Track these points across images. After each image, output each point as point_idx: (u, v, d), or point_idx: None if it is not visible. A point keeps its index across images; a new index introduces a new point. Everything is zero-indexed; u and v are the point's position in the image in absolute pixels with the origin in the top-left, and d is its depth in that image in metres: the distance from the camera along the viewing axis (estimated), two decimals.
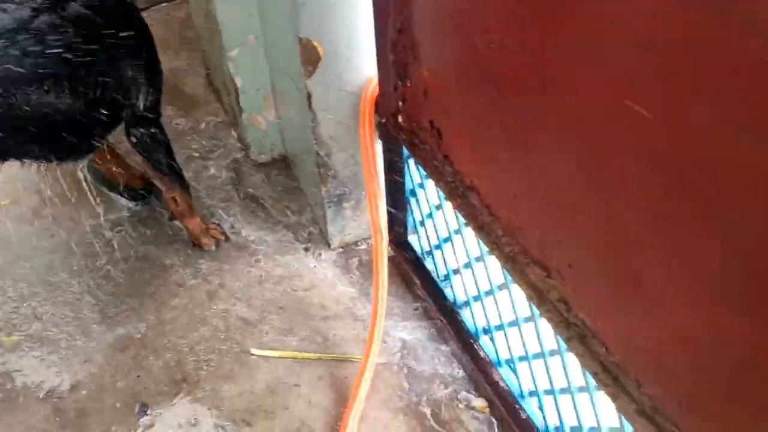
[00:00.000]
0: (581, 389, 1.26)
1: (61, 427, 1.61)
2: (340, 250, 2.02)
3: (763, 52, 0.61)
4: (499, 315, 1.49)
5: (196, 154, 2.41)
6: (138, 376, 1.71)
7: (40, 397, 1.68)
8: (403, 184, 1.78)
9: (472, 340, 1.67)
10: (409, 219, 1.87)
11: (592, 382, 1.20)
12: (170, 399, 1.65)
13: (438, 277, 1.81)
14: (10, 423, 1.63)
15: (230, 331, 1.79)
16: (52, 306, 1.89)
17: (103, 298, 1.91)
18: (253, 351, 1.74)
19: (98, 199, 2.20)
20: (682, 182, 0.77)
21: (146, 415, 1.61)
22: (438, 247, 1.73)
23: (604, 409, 1.20)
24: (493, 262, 1.45)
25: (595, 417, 1.23)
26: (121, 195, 2.19)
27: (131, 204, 2.19)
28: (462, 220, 1.53)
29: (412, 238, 1.92)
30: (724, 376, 0.84)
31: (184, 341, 1.78)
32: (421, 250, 1.87)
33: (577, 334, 1.14)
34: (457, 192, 1.43)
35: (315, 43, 1.56)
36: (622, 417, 1.13)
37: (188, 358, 1.74)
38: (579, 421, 1.30)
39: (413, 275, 1.86)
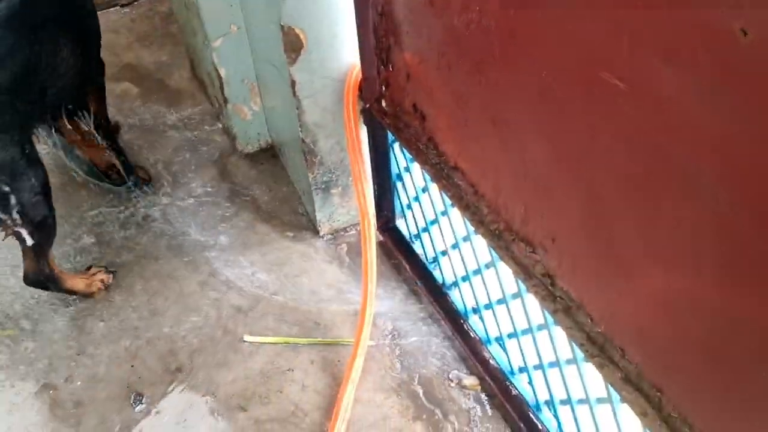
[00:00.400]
0: (569, 361, 1.28)
1: (57, 419, 1.63)
2: (329, 236, 2.04)
3: (725, 18, 0.63)
4: (488, 293, 1.51)
5: (183, 147, 2.42)
6: (132, 366, 1.72)
7: (35, 390, 1.69)
8: (389, 169, 1.80)
9: (461, 320, 1.69)
10: (396, 204, 1.89)
11: (579, 354, 1.22)
12: (165, 387, 1.67)
13: (426, 260, 1.83)
14: (5, 418, 1.64)
15: (223, 319, 1.81)
16: (46, 299, 1.90)
17: (107, 293, 1.92)
18: (246, 338, 1.76)
19: (87, 193, 2.21)
20: (656, 150, 0.79)
21: (141, 403, 1.63)
22: (425, 229, 1.75)
23: (592, 380, 1.23)
24: (480, 242, 1.47)
25: (583, 388, 1.26)
26: (109, 180, 2.20)
27: (117, 186, 2.20)
28: (448, 201, 1.55)
29: (399, 223, 1.94)
30: (702, 340, 0.86)
31: (177, 330, 1.79)
32: (409, 234, 1.89)
33: (562, 306, 1.16)
34: (442, 173, 1.45)
35: (297, 31, 1.57)
36: (609, 386, 1.15)
37: (182, 346, 1.75)
38: (568, 393, 1.33)
39: (402, 259, 1.88)
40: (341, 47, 1.63)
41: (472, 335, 1.67)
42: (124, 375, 1.70)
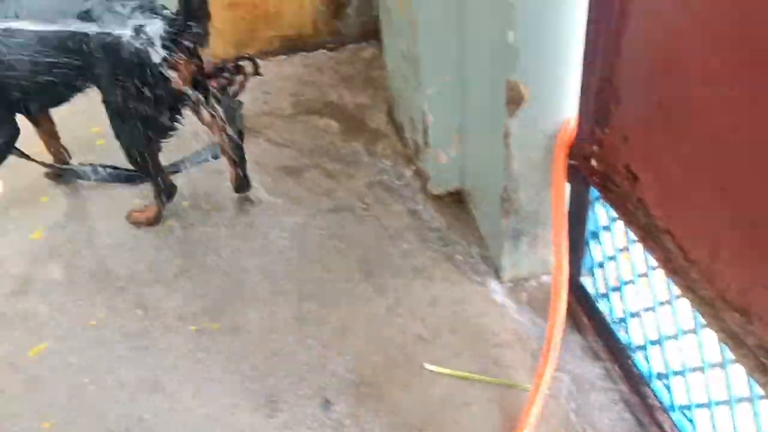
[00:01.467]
0: None
1: (254, 413, 1.79)
2: (510, 283, 2.11)
3: None
4: (682, 360, 1.52)
5: (377, 182, 2.60)
6: (321, 376, 1.87)
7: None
8: (584, 226, 1.85)
9: (643, 384, 1.69)
10: (586, 261, 1.93)
11: None
12: (351, 398, 1.79)
13: (612, 320, 1.85)
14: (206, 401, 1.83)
15: (406, 345, 1.92)
16: (261, 298, 2.12)
17: (301, 304, 2.12)
18: (427, 366, 1.85)
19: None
20: None
21: (330, 410, 1.76)
22: (616, 289, 1.78)
23: None
24: (682, 307, 1.48)
25: None
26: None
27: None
28: (651, 263, 1.57)
29: (584, 280, 1.98)
30: None
31: (365, 348, 1.93)
32: (596, 292, 1.92)
33: None
34: (650, 235, 1.49)
35: (521, 86, 1.68)
36: None
37: (367, 363, 1.88)
38: None
39: (584, 316, 1.91)
40: (559, 104, 1.73)
41: (651, 402, 1.66)
42: (316, 381, 1.85)
